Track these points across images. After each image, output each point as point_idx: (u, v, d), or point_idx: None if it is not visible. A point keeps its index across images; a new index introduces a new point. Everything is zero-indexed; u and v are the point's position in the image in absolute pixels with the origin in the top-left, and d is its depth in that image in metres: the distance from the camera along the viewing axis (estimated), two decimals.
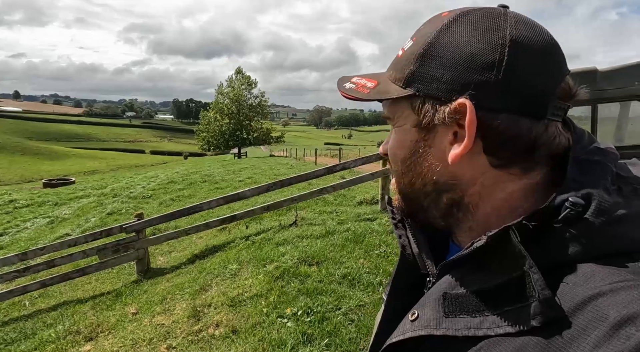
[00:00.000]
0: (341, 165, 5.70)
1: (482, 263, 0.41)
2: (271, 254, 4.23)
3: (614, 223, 0.38)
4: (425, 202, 0.48)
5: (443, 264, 0.46)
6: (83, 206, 11.30)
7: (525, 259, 0.37)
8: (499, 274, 0.39)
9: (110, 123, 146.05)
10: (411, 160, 0.47)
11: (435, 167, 0.46)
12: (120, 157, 73.47)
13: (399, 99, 0.46)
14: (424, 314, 0.44)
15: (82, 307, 4.58)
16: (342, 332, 2.61)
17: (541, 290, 0.35)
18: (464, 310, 0.41)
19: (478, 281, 0.41)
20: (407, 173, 0.48)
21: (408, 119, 0.47)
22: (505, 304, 0.38)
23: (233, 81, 39.96)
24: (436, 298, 0.44)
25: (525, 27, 0.42)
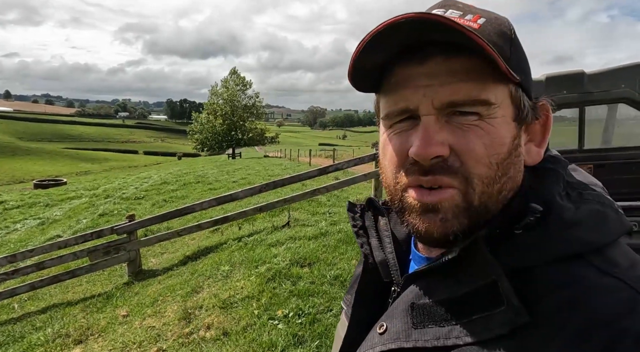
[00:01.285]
0: (334, 166, 5.71)
1: (449, 272, 0.41)
2: (263, 255, 4.22)
3: (568, 227, 0.39)
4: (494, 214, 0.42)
5: (408, 275, 0.46)
6: (75, 207, 11.20)
7: (493, 268, 0.37)
8: (466, 283, 0.39)
9: (103, 123, 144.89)
10: (508, 161, 0.41)
11: (520, 164, 0.43)
12: (113, 158, 72.94)
13: (499, 80, 0.40)
14: (393, 326, 0.43)
15: (72, 309, 4.54)
16: (333, 333, 2.61)
17: (509, 298, 0.36)
18: (432, 320, 0.40)
19: (445, 290, 0.40)
20: (502, 178, 0.41)
21: (508, 110, 0.41)
22: (473, 313, 0.38)
23: (227, 82, 39.86)
24: (404, 309, 0.43)
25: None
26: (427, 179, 0.41)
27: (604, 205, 0.42)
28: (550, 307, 0.35)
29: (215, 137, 38.20)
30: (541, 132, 0.45)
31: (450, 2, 0.45)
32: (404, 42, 0.40)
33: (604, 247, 0.39)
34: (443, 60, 0.40)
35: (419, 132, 0.41)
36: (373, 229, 0.56)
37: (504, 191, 0.42)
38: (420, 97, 0.41)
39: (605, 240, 0.39)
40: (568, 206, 0.40)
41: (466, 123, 0.40)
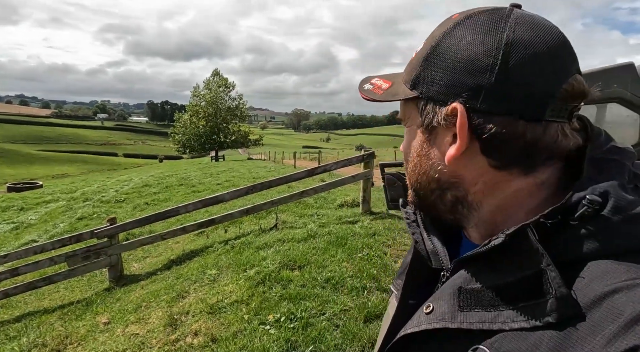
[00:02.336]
0: (322, 168, 5.65)
1: (497, 259, 0.42)
2: (252, 258, 4.11)
3: (630, 221, 0.38)
4: (432, 198, 0.50)
5: (458, 260, 0.47)
6: (51, 210, 10.78)
7: (542, 257, 0.37)
8: (514, 271, 0.40)
9: (81, 125, 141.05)
10: (417, 160, 0.50)
11: (436, 166, 0.48)
12: (91, 160, 71.04)
13: (408, 100, 0.49)
14: (439, 307, 0.45)
15: (49, 317, 4.32)
16: (327, 338, 2.54)
17: (558, 287, 0.36)
18: (478, 304, 0.41)
19: (493, 276, 0.42)
20: (414, 171, 0.51)
21: (415, 121, 0.49)
22: (520, 300, 0.38)
23: (210, 83, 39.38)
24: (451, 292, 0.44)
25: (526, 29, 0.41)
26: None
27: None
28: (603, 301, 0.34)
29: (198, 139, 37.67)
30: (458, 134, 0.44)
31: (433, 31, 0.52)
32: None
33: None
34: None
35: None
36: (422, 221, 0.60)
37: (423, 181, 0.50)
38: None
39: None
40: (633, 199, 0.39)
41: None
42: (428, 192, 0.50)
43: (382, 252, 3.97)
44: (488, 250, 0.41)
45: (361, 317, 2.71)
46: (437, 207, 0.50)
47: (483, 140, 0.42)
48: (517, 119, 0.41)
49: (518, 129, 0.41)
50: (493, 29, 0.42)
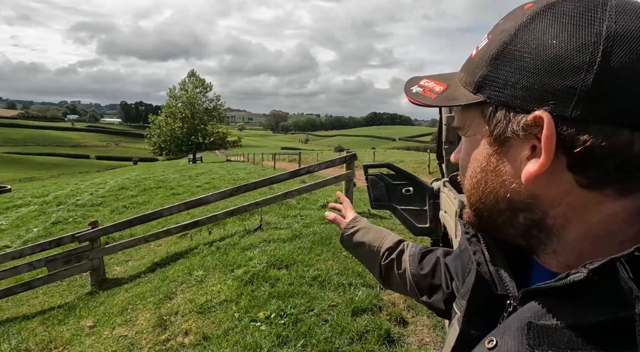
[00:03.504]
0: (305, 169, 5.76)
1: (578, 295, 0.36)
2: (238, 259, 4.17)
3: None
4: (499, 220, 0.43)
5: (527, 290, 0.41)
6: (22, 215, 10.42)
7: (637, 300, 0.31)
8: (600, 311, 0.34)
9: (49, 126, 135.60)
10: (482, 176, 0.43)
11: (509, 184, 0.40)
12: (61, 163, 68.48)
13: (469, 105, 0.43)
14: (504, 344, 0.39)
15: (30, 323, 4.24)
16: (317, 332, 2.64)
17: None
18: (553, 345, 0.35)
19: (572, 314, 0.35)
20: (477, 188, 0.44)
21: (479, 129, 0.43)
22: (607, 346, 0.33)
23: (186, 84, 38.78)
24: (519, 327, 0.38)
25: (631, 18, 0.35)
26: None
27: None
28: None
29: (175, 140, 37.00)
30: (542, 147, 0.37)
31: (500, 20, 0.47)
32: None
33: None
34: None
35: None
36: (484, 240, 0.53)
37: (489, 200, 0.43)
38: None
39: None
40: None
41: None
42: (495, 214, 0.43)
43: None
44: (565, 285, 0.36)
45: (349, 312, 2.84)
46: (505, 230, 0.43)
47: (573, 155, 0.35)
48: (619, 128, 0.34)
49: (619, 141, 0.34)
50: (587, 20, 0.35)
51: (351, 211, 1.00)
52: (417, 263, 0.81)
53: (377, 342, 2.51)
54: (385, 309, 2.93)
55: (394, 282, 0.87)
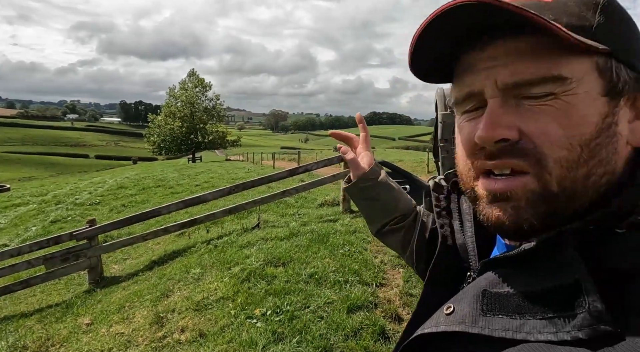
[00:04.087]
0: (303, 168, 5.76)
1: (529, 264, 0.38)
2: (235, 256, 4.19)
3: None
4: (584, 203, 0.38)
5: (485, 261, 0.43)
6: (21, 214, 10.42)
7: (579, 267, 0.34)
8: (547, 278, 0.36)
9: (49, 126, 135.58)
10: (597, 142, 0.37)
11: (620, 148, 0.38)
12: (60, 163, 68.46)
13: (575, 55, 0.36)
14: (461, 309, 0.41)
15: (27, 321, 4.24)
16: (313, 329, 2.66)
17: (592, 302, 0.32)
18: (503, 310, 0.37)
19: (523, 282, 0.38)
20: (589, 161, 0.37)
21: (594, 84, 0.37)
22: (550, 310, 0.34)
23: (186, 83, 38.82)
24: (475, 294, 0.41)
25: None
26: (494, 163, 0.39)
27: None
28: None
29: (174, 140, 37.04)
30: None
31: None
32: (459, 29, 0.39)
33: None
34: (506, 40, 0.38)
35: (484, 115, 0.39)
36: (456, 212, 0.55)
37: (594, 175, 0.37)
38: (483, 79, 0.39)
39: None
40: None
41: (538, 104, 0.37)
42: (587, 194, 0.38)
43: (362, 248, 4.12)
44: (518, 254, 0.38)
45: (344, 309, 2.85)
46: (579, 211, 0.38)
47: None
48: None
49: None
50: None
51: (367, 152, 0.84)
52: (426, 237, 0.75)
53: (372, 339, 2.52)
54: (381, 306, 2.95)
55: (391, 243, 0.83)
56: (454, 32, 0.39)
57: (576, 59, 0.36)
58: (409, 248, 0.77)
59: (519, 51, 0.37)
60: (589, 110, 0.37)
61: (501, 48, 0.38)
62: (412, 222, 0.79)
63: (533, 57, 0.37)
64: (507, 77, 0.37)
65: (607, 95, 0.37)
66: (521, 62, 0.37)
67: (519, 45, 0.37)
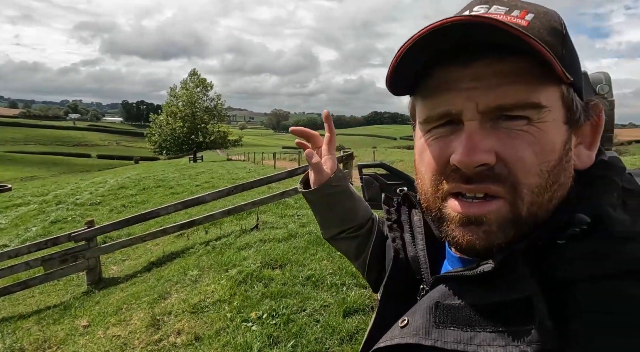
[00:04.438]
0: (302, 168, 5.75)
1: (481, 278, 0.39)
2: (233, 258, 4.17)
3: (620, 242, 0.35)
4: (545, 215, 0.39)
5: (438, 277, 0.44)
6: (22, 214, 10.44)
7: (529, 284, 0.35)
8: (498, 293, 0.37)
9: (51, 125, 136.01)
10: (559, 168, 0.39)
11: (571, 169, 0.40)
12: (63, 162, 68.67)
13: (546, 84, 0.37)
14: (414, 322, 0.41)
15: (25, 322, 4.24)
16: (308, 332, 2.64)
17: (542, 318, 0.33)
18: (455, 322, 0.38)
19: (475, 295, 0.38)
20: (553, 186, 0.38)
21: (559, 113, 0.38)
22: (500, 324, 0.35)
23: (187, 83, 38.84)
24: (428, 306, 0.41)
25: None
26: (470, 187, 0.39)
27: None
28: (590, 327, 0.32)
29: (175, 140, 37.08)
30: (591, 133, 0.42)
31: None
32: (447, 46, 0.38)
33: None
34: (490, 62, 0.37)
35: (463, 138, 0.38)
36: (407, 224, 0.55)
37: (555, 199, 0.39)
38: (464, 100, 0.38)
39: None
40: (622, 217, 0.37)
41: (515, 129, 0.37)
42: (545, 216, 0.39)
43: None
44: (476, 274, 0.38)
45: (340, 312, 2.83)
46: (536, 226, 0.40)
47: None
48: None
49: None
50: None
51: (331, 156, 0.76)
52: (379, 248, 0.73)
53: None
54: None
55: (343, 249, 0.80)
56: (439, 49, 0.38)
57: (550, 88, 0.38)
58: (362, 256, 0.76)
59: (503, 73, 0.37)
60: (555, 138, 0.38)
61: (486, 69, 0.38)
62: (368, 231, 0.77)
63: (515, 82, 0.37)
64: (490, 100, 0.37)
65: (567, 123, 0.39)
66: (505, 86, 0.37)
67: (503, 68, 0.37)
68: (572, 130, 0.40)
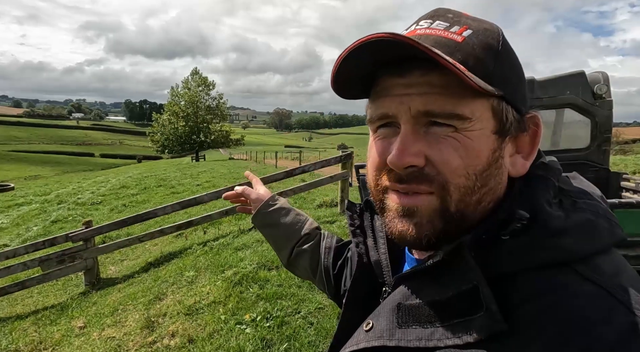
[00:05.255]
0: (301, 169, 5.72)
1: (436, 275, 0.42)
2: (230, 259, 4.16)
3: (555, 235, 0.39)
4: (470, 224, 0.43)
5: (399, 276, 0.46)
6: (23, 213, 10.48)
7: (476, 273, 0.38)
8: (451, 287, 0.39)
9: (54, 125, 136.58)
10: (487, 173, 0.42)
11: (504, 180, 0.44)
12: (66, 161, 69.02)
13: (476, 96, 0.40)
14: (378, 325, 0.44)
15: (22, 323, 4.24)
16: (302, 335, 2.62)
17: (488, 304, 0.36)
18: (416, 321, 0.40)
19: (432, 292, 0.41)
20: (481, 189, 0.42)
21: (488, 123, 0.42)
22: (455, 316, 0.38)
23: (189, 82, 38.84)
24: (390, 308, 0.44)
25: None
26: (402, 186, 0.43)
27: (597, 214, 0.42)
28: (529, 314, 0.35)
29: (178, 139, 37.11)
30: (529, 144, 0.45)
31: (441, 12, 0.45)
32: (378, 59, 0.42)
33: (591, 256, 0.39)
34: (424, 73, 0.41)
35: (397, 141, 0.42)
36: (370, 229, 0.57)
37: (484, 202, 0.42)
38: (398, 104, 0.42)
39: (592, 249, 0.39)
40: (556, 214, 0.40)
41: (442, 134, 0.41)
42: (477, 216, 0.43)
43: None
44: (426, 268, 0.42)
45: (334, 315, 2.81)
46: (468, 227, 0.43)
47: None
48: None
49: None
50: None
51: (263, 186, 0.93)
52: (331, 257, 0.79)
53: None
54: None
55: (301, 269, 0.85)
56: (372, 60, 0.43)
57: (477, 100, 0.41)
58: (318, 270, 0.80)
59: (432, 84, 0.41)
60: (482, 146, 0.41)
61: (418, 78, 0.41)
62: (317, 244, 0.82)
63: (442, 93, 0.40)
64: (420, 105, 0.41)
65: (497, 133, 0.42)
66: (432, 95, 0.40)
67: (432, 79, 0.41)
68: (505, 140, 0.43)
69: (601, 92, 3.19)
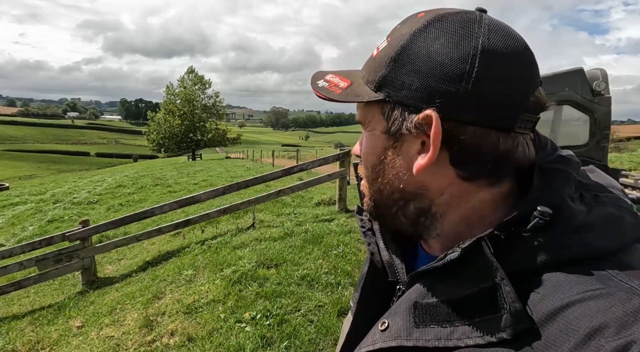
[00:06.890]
0: (299, 167, 5.71)
1: (453, 273, 0.41)
2: (228, 258, 4.14)
3: (579, 231, 0.38)
4: (393, 209, 0.47)
5: (413, 274, 0.46)
6: (19, 213, 10.40)
7: (497, 271, 0.37)
8: (470, 284, 0.39)
9: (49, 124, 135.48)
10: (380, 167, 0.46)
11: (402, 175, 0.45)
12: (61, 160, 68.55)
13: (371, 103, 0.45)
14: (395, 324, 0.43)
15: (19, 323, 4.21)
16: (302, 333, 2.61)
17: (512, 302, 0.35)
18: (434, 320, 0.40)
19: (449, 290, 0.40)
20: (376, 180, 0.47)
21: (378, 125, 0.46)
22: (475, 315, 0.37)
23: (185, 81, 38.66)
24: (407, 307, 0.43)
25: (500, 37, 0.40)
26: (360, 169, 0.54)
27: (620, 208, 0.41)
28: (555, 313, 0.34)
29: (174, 138, 36.94)
30: (428, 144, 0.42)
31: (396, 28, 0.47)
32: None
33: (617, 252, 0.38)
34: None
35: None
36: (379, 232, 0.57)
37: (385, 190, 0.47)
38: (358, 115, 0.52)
39: (618, 245, 0.38)
40: (579, 208, 0.40)
41: (364, 135, 0.51)
42: (390, 203, 0.47)
43: (357, 249, 4.07)
44: (444, 264, 0.40)
45: (335, 312, 2.80)
46: (398, 219, 0.47)
47: (454, 151, 0.41)
48: (490, 130, 0.39)
49: (490, 141, 0.40)
50: (467, 34, 0.39)
51: None
52: None
53: None
54: None
55: None
56: None
57: (367, 107, 0.47)
58: None
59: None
60: (375, 144, 0.47)
61: None
62: None
63: (358, 106, 0.49)
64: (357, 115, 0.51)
65: (386, 133, 0.45)
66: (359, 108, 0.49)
67: None
68: (396, 138, 0.44)
69: (600, 88, 3.20)
